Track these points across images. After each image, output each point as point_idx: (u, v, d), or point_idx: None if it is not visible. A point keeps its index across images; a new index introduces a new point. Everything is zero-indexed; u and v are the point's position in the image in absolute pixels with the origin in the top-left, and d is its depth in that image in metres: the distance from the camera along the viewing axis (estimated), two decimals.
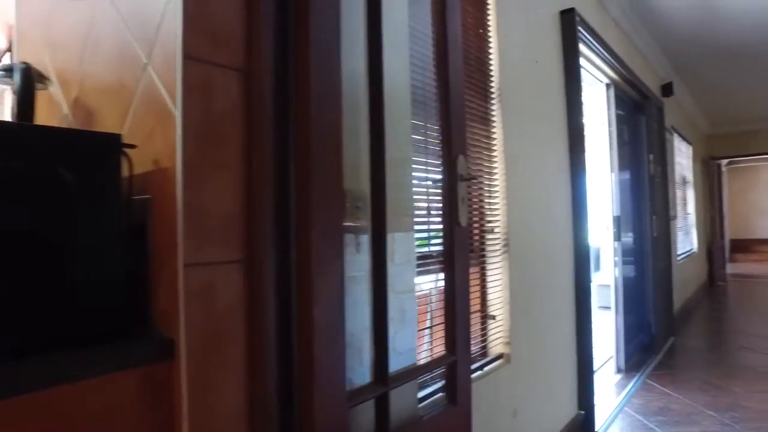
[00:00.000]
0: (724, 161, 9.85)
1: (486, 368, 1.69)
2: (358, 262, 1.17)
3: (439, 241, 1.38)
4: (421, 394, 1.44)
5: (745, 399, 3.00)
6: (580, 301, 2.43)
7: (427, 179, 1.40)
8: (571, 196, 2.41)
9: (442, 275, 1.37)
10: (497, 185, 1.75)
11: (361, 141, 1.14)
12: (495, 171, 1.75)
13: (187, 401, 0.77)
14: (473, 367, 1.64)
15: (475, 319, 1.74)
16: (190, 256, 0.78)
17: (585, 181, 2.50)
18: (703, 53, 4.70)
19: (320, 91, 0.95)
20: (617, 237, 3.48)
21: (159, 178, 0.85)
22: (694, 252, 6.80)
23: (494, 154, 1.75)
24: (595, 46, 2.84)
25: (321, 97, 0.95)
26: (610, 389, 3.18)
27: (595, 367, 2.74)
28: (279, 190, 0.93)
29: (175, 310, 0.78)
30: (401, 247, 1.26)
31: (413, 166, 1.36)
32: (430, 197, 1.44)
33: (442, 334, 1.36)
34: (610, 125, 3.56)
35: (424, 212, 1.40)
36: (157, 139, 0.86)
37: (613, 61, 3.30)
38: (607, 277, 3.83)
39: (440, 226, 1.38)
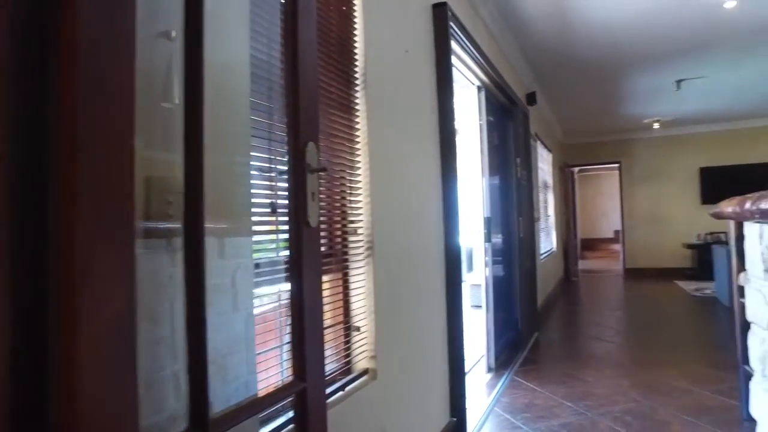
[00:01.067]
0: (577, 169, 10.94)
1: (348, 387, 1.50)
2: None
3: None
4: (267, 430, 1.20)
5: (595, 387, 3.20)
6: (451, 304, 2.36)
7: (272, 170, 1.16)
8: (442, 196, 2.33)
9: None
10: (360, 181, 1.57)
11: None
12: (358, 165, 1.57)
13: None
14: (333, 388, 1.43)
15: (337, 333, 1.54)
16: None
17: (456, 182, 2.45)
18: (560, 66, 5.07)
19: (95, 31, 0.66)
20: (488, 238, 3.55)
21: None
22: (553, 251, 7.38)
23: (357, 146, 1.57)
24: (467, 45, 2.82)
25: (96, 42, 0.67)
26: (481, 390, 3.20)
27: (467, 368, 2.71)
28: (24, 170, 0.63)
29: None
30: (235, 254, 1.00)
31: (253, 153, 1.11)
32: (279, 192, 1.21)
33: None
34: (481, 128, 3.61)
35: (267, 210, 1.15)
36: None
37: (484, 63, 3.34)
38: (479, 277, 3.90)
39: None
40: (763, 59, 4.99)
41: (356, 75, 1.62)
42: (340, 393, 1.45)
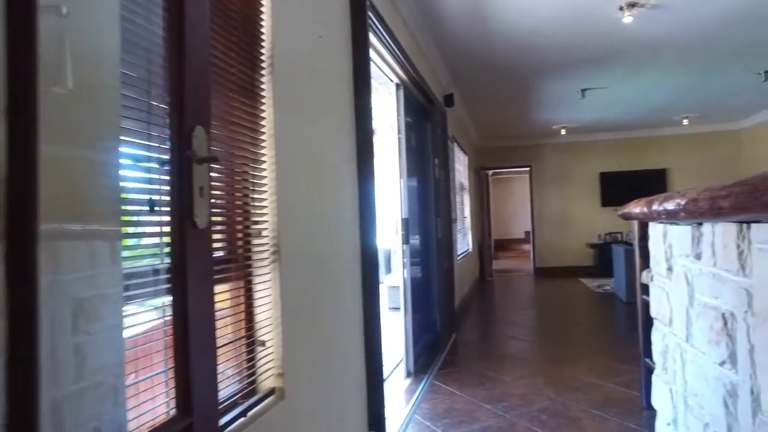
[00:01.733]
0: (491, 171, 11.35)
1: (252, 412, 1.31)
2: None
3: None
4: None
5: (513, 387, 3.23)
6: (368, 310, 2.23)
7: (151, 159, 0.95)
8: (358, 196, 2.19)
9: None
10: (266, 176, 1.38)
11: None
12: (263, 159, 1.38)
13: None
14: (233, 415, 1.24)
15: (238, 350, 1.34)
16: None
17: (373, 181, 2.32)
18: (477, 68, 5.16)
19: None
20: (406, 239, 3.47)
21: None
22: (469, 252, 7.55)
23: (263, 137, 1.39)
24: (385, 38, 2.72)
25: None
26: (400, 397, 3.10)
27: (385, 375, 2.59)
28: None
29: None
30: (92, 263, 0.79)
31: (126, 138, 0.90)
32: (162, 187, 1.00)
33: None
34: (399, 127, 3.54)
35: (145, 209, 0.94)
36: None
37: (403, 59, 3.26)
38: (397, 279, 3.82)
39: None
40: (654, 74, 5.40)
41: (262, 57, 1.44)
42: (241, 420, 1.26)
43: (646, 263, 2.68)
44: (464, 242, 7.29)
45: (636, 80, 5.62)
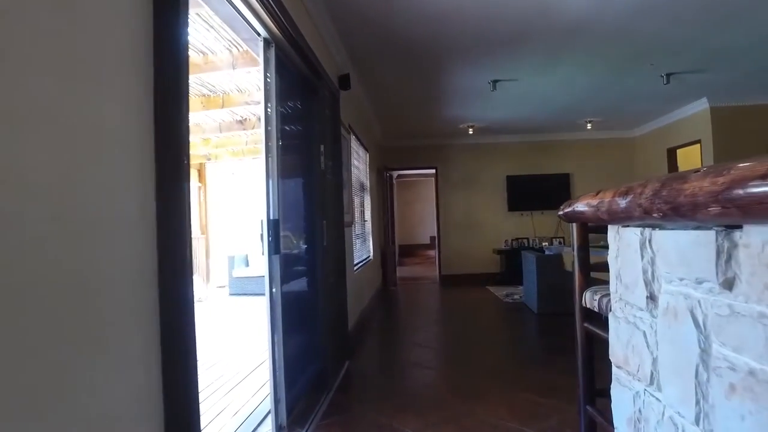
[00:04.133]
0: (396, 173, 10.73)
1: None
2: None
3: None
4: None
5: None
6: (170, 345, 1.27)
7: None
8: (155, 191, 1.24)
9: None
10: None
11: None
12: None
13: None
14: None
15: None
16: None
17: (184, 171, 1.38)
18: (378, 47, 4.37)
19: None
20: (275, 248, 2.54)
21: None
22: (371, 259, 6.76)
23: None
24: None
25: None
26: None
27: None
28: None
29: None
30: None
31: None
32: None
33: None
34: (268, 94, 2.60)
35: None
36: None
37: (273, 4, 2.36)
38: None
39: None
40: (566, 67, 4.99)
41: None
42: None
43: (586, 280, 2.01)
44: (364, 249, 6.48)
45: (548, 74, 5.19)
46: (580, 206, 1.52)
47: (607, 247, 1.52)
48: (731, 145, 6.44)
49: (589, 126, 7.86)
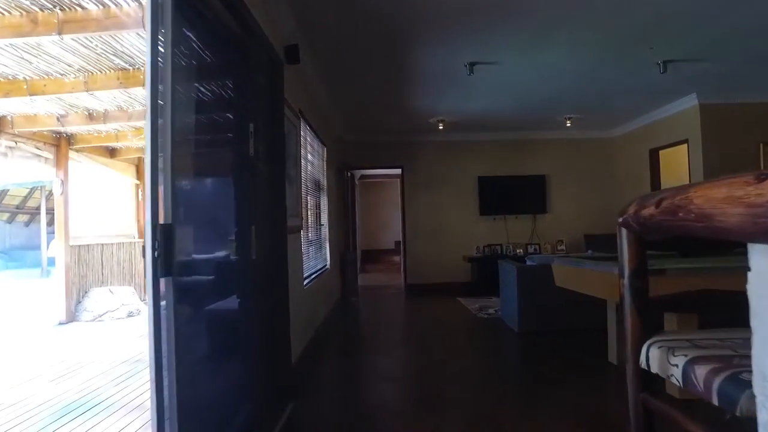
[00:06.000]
0: (358, 174, 9.93)
1: None
2: None
3: None
4: None
5: None
6: None
7: None
8: None
9: None
10: None
11: None
12: None
13: None
14: None
15: None
16: None
17: None
18: (335, 13, 3.56)
19: None
20: (165, 266, 1.68)
21: None
22: (327, 269, 5.91)
23: None
24: None
25: None
26: None
27: None
28: None
29: None
30: None
31: None
32: None
33: None
34: (155, 38, 1.74)
35: None
36: None
37: None
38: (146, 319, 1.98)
39: None
40: (556, 49, 4.32)
41: None
42: None
43: (645, 326, 1.27)
44: (320, 257, 5.63)
45: (532, 57, 4.50)
46: (720, 208, 0.72)
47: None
48: (721, 146, 5.95)
49: (568, 123, 7.27)
